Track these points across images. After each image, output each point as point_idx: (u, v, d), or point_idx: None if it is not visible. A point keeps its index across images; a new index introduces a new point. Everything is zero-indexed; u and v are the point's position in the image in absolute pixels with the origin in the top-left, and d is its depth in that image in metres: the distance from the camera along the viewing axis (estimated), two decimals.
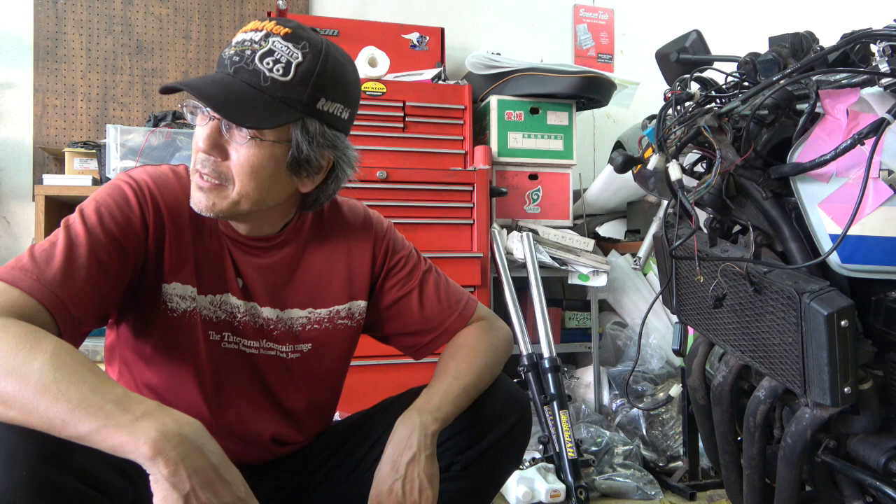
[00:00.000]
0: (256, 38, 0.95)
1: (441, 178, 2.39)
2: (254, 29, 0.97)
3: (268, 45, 0.95)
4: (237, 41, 0.97)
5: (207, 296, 1.06)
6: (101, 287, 0.92)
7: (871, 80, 1.13)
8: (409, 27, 2.94)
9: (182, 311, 1.04)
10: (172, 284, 1.03)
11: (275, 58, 0.95)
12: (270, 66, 0.94)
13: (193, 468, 0.76)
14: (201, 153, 0.97)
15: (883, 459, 1.08)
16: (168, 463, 0.74)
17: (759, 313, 1.15)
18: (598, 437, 2.18)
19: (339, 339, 1.17)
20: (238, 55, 0.95)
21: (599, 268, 2.57)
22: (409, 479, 1.00)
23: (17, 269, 0.86)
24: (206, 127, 0.96)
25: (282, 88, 0.95)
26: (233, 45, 0.97)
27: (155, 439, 0.74)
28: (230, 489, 0.79)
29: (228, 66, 0.96)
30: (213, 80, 0.95)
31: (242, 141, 0.96)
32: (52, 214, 2.24)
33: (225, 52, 0.97)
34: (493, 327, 1.22)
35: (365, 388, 1.33)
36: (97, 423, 0.74)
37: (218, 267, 1.06)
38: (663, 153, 1.21)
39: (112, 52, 2.77)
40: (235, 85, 0.94)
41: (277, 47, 0.95)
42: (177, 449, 0.75)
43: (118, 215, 0.97)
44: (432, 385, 1.11)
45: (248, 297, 1.09)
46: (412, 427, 1.03)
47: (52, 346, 0.78)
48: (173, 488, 0.75)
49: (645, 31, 3.45)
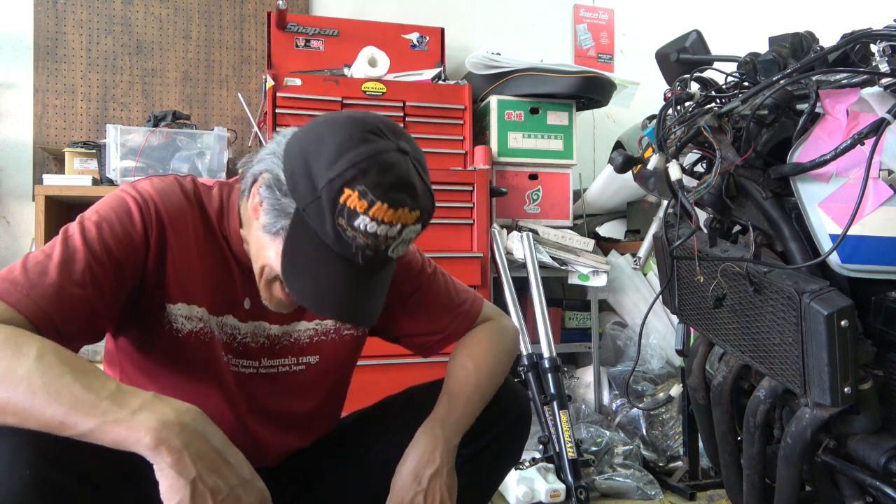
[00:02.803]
0: (392, 234, 0.88)
1: (441, 178, 2.39)
2: (387, 222, 0.87)
3: (401, 237, 0.90)
4: (371, 233, 0.87)
5: (216, 317, 1.04)
6: (95, 305, 0.89)
7: (871, 80, 1.12)
8: (409, 27, 2.94)
9: (188, 331, 1.01)
10: (178, 305, 1.00)
11: (405, 242, 0.92)
12: (398, 249, 0.92)
13: (197, 454, 0.76)
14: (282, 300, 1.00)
15: (883, 459, 1.08)
16: (172, 451, 0.74)
17: (759, 313, 1.15)
18: (598, 437, 2.18)
19: (345, 348, 1.16)
20: (372, 250, 0.89)
21: (599, 268, 2.57)
22: (431, 493, 1.01)
23: (8, 282, 0.84)
24: None
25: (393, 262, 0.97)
26: (363, 233, 0.87)
27: (156, 429, 0.74)
28: (235, 471, 0.80)
29: (360, 261, 0.90)
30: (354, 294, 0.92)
31: None
32: (52, 214, 2.24)
33: (353, 238, 0.88)
34: (503, 328, 1.23)
35: (365, 388, 1.33)
36: (95, 422, 0.74)
37: (223, 287, 1.04)
38: (663, 153, 1.21)
39: (112, 52, 2.77)
40: (365, 291, 0.93)
41: (409, 234, 0.91)
42: (179, 436, 0.75)
43: (119, 231, 0.93)
44: (453, 391, 1.11)
45: (253, 316, 1.07)
46: (436, 441, 1.04)
47: (35, 349, 0.77)
48: (179, 475, 0.75)
49: (645, 31, 3.45)
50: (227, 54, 2.90)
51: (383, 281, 0.96)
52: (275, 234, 0.93)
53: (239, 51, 2.91)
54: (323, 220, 0.87)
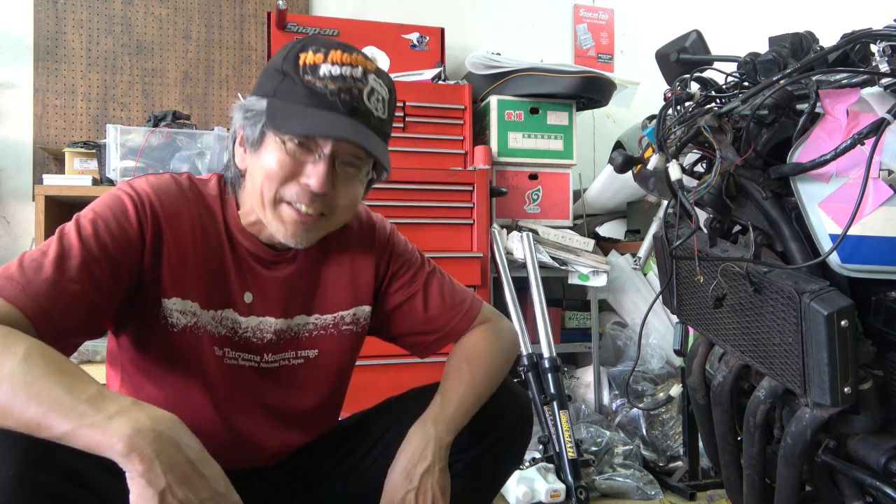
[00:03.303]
0: (357, 76, 0.96)
1: (441, 178, 2.39)
2: (347, 63, 0.95)
3: (368, 83, 0.96)
4: (336, 75, 0.95)
5: (210, 311, 1.04)
6: (91, 301, 0.89)
7: (871, 80, 1.12)
8: (409, 27, 2.94)
9: (183, 326, 1.01)
10: (172, 300, 1.00)
11: (376, 97, 0.98)
12: (375, 105, 0.98)
13: (169, 464, 0.75)
14: (312, 192, 0.97)
15: (883, 459, 1.08)
16: (143, 459, 0.73)
17: (759, 313, 1.15)
18: (598, 437, 2.18)
19: (344, 344, 1.16)
20: (346, 93, 0.95)
21: (599, 268, 2.57)
22: (423, 491, 1.00)
23: (4, 278, 0.84)
24: (323, 166, 0.96)
25: (383, 125, 1.00)
26: (330, 78, 0.94)
27: (129, 436, 0.73)
28: (208, 484, 0.78)
29: (341, 106, 0.95)
30: (350, 126, 0.95)
31: (355, 179, 1.01)
32: (52, 214, 2.24)
33: (325, 87, 0.95)
34: (500, 330, 1.22)
35: (365, 388, 1.33)
36: (71, 424, 0.74)
37: (221, 282, 1.05)
38: (663, 153, 1.21)
39: (112, 52, 2.77)
40: (361, 128, 0.96)
41: (375, 86, 0.97)
42: (151, 445, 0.74)
43: (115, 228, 0.94)
44: (446, 391, 1.10)
45: (254, 311, 1.07)
46: (428, 438, 1.03)
47: (23, 349, 0.77)
48: (148, 485, 0.74)
49: (645, 31, 3.45)
50: (227, 54, 2.90)
51: (376, 135, 0.99)
52: (260, 141, 0.98)
53: (239, 51, 2.91)
54: (294, 88, 0.95)
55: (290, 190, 0.97)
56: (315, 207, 0.98)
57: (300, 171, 0.97)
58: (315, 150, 0.96)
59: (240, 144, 1.03)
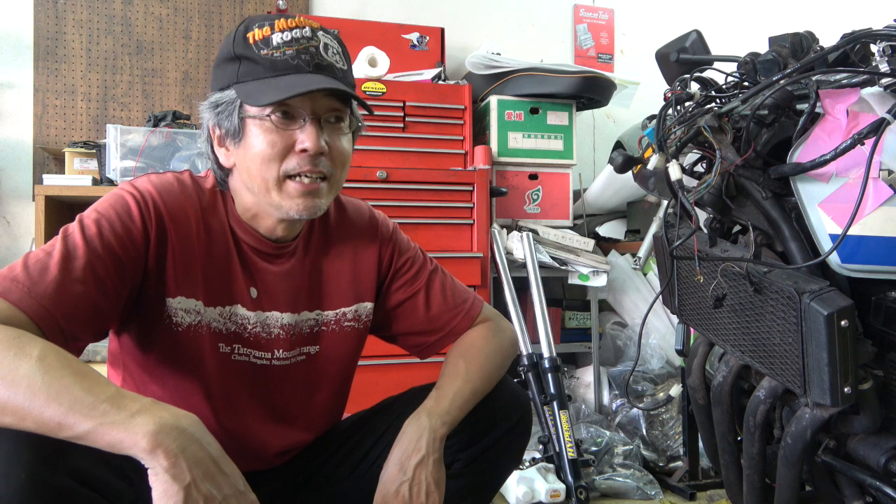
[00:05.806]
0: (308, 35, 0.99)
1: (441, 178, 2.39)
2: (295, 27, 0.98)
3: (320, 39, 0.99)
4: (289, 40, 0.97)
5: (216, 308, 1.04)
6: (96, 302, 0.89)
7: (871, 80, 1.12)
8: (409, 27, 2.94)
9: (187, 324, 1.01)
10: (177, 298, 1.00)
11: (332, 50, 1.00)
12: (334, 57, 1.00)
13: (194, 460, 0.76)
14: (311, 155, 0.98)
15: (883, 459, 1.08)
16: (168, 455, 0.74)
17: (759, 313, 1.15)
18: (598, 437, 2.18)
19: (345, 341, 1.16)
20: (305, 53, 0.97)
21: (599, 268, 2.57)
22: (417, 482, 1.00)
23: (9, 280, 0.84)
24: (311, 126, 0.98)
25: (346, 75, 1.02)
26: (285, 44, 0.97)
27: (153, 432, 0.74)
28: (229, 481, 0.79)
29: (305, 66, 0.97)
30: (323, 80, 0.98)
31: (342, 133, 1.03)
32: (52, 214, 2.24)
33: (282, 54, 0.97)
34: (499, 329, 1.23)
35: (366, 388, 1.33)
36: (93, 423, 0.74)
37: (226, 278, 1.05)
38: (663, 153, 1.21)
39: (112, 52, 2.77)
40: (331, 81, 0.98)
41: (327, 40, 1.00)
42: (176, 441, 0.75)
43: (119, 228, 0.94)
44: (441, 386, 1.10)
45: (260, 306, 1.07)
46: (421, 430, 1.03)
47: (38, 350, 0.77)
48: (174, 480, 0.74)
49: (645, 31, 3.45)
50: None
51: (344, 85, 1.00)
52: (241, 129, 0.99)
53: None
54: (255, 66, 0.98)
55: (290, 163, 0.98)
56: (318, 171, 0.99)
57: (292, 141, 0.98)
58: (298, 116, 0.98)
59: (219, 145, 1.03)
